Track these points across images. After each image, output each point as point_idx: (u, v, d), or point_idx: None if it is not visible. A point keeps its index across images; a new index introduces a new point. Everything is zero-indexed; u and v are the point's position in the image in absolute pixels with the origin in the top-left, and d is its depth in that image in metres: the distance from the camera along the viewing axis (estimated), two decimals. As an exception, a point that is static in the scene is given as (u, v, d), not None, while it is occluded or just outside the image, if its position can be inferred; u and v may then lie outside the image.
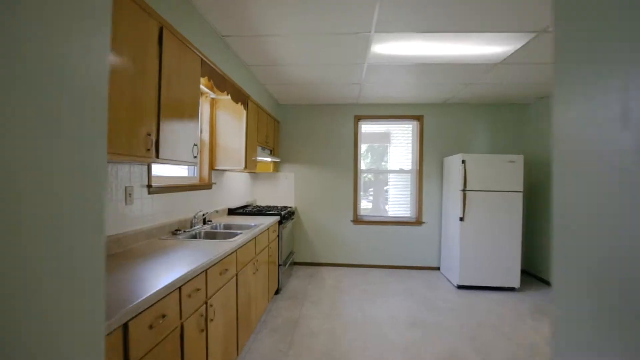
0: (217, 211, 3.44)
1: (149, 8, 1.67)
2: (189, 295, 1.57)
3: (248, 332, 2.57)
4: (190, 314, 1.59)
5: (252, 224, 3.10)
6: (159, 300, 1.29)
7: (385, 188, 5.20)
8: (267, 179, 4.99)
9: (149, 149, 1.69)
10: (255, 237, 2.72)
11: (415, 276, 4.53)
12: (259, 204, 4.97)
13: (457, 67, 3.34)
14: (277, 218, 3.63)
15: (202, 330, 1.72)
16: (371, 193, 5.18)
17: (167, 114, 1.87)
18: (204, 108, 3.28)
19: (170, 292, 1.39)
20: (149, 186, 2.27)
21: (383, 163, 5.32)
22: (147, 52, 1.67)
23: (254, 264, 2.72)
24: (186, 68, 2.09)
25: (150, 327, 1.24)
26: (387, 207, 5.14)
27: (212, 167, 3.35)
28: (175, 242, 2.17)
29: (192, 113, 2.18)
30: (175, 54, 1.95)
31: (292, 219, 4.42)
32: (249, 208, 4.15)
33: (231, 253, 2.14)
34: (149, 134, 1.70)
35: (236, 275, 2.27)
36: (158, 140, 1.79)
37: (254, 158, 3.67)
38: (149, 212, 2.27)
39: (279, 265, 3.73)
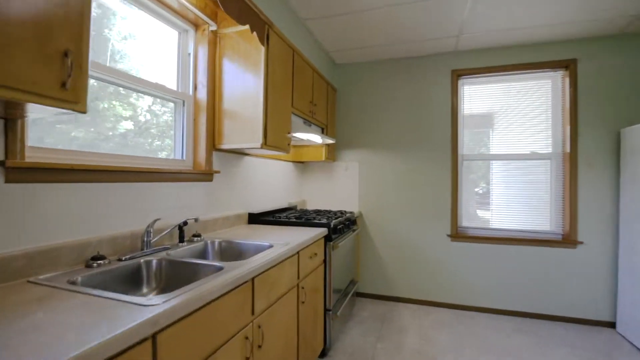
0: (226, 217, 2.13)
1: None
2: None
3: None
4: None
5: (267, 244, 1.68)
6: None
7: (480, 187, 3.24)
8: (320, 171, 3.55)
9: None
10: (262, 273, 1.30)
11: (569, 336, 2.56)
12: (309, 206, 3.56)
13: None
14: (322, 232, 2.15)
15: None
16: (480, 192, 3.28)
17: None
18: (199, 49, 2.00)
19: None
20: (10, 167, 1.03)
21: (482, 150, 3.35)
22: None
23: (258, 330, 1.29)
24: None
25: None
26: (489, 213, 3.17)
27: (213, 146, 2.06)
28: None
29: None
30: None
31: (353, 230, 2.89)
32: (285, 214, 2.76)
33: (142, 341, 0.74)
34: None
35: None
36: None
37: (287, 133, 2.27)
38: (6, 220, 1.02)
39: (326, 311, 2.23)
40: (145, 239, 1.43)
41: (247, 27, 1.88)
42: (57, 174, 1.18)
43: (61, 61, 0.85)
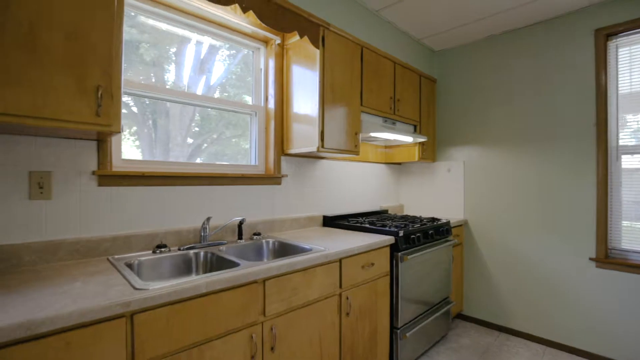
0: (296, 219, 2.24)
1: None
2: None
3: None
4: None
5: (308, 247, 1.67)
6: None
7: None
8: (419, 173, 3.22)
9: None
10: (279, 276, 1.32)
11: None
12: (407, 211, 3.28)
13: None
14: (387, 240, 1.95)
15: None
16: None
17: None
18: (269, 63, 2.19)
19: None
20: (100, 174, 1.43)
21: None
22: None
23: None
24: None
25: None
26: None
27: (281, 152, 2.20)
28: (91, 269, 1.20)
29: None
30: None
31: (447, 240, 2.48)
32: (362, 219, 2.65)
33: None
34: None
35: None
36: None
37: (355, 134, 2.19)
38: (96, 213, 1.43)
39: (393, 329, 2.01)
40: (202, 234, 1.69)
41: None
42: (134, 180, 1.54)
43: (95, 94, 1.12)
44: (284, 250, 1.83)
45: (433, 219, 2.57)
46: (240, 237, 1.85)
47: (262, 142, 2.20)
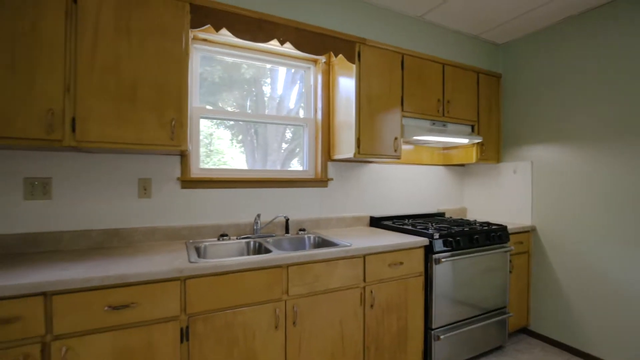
0: (341, 218, 2.48)
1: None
2: None
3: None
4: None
5: (337, 242, 1.90)
6: None
7: None
8: (483, 175, 3.04)
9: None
10: (302, 264, 1.61)
11: None
12: (470, 215, 3.13)
13: None
14: (418, 241, 2.02)
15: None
16: None
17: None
18: (318, 79, 2.48)
19: None
20: (182, 180, 1.97)
21: None
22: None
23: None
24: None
25: None
26: None
27: (328, 158, 2.47)
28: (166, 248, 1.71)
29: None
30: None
31: (501, 247, 2.34)
32: (407, 221, 2.70)
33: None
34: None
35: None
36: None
37: (396, 138, 2.31)
38: (179, 209, 1.97)
39: (428, 329, 2.05)
40: (255, 227, 2.09)
41: (338, 53, 2.16)
42: (206, 184, 2.04)
43: (170, 125, 1.61)
44: (321, 244, 2.10)
45: (488, 224, 2.45)
46: (287, 231, 2.20)
47: (312, 150, 2.51)
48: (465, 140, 2.60)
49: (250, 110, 2.34)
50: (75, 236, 1.71)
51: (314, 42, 2.02)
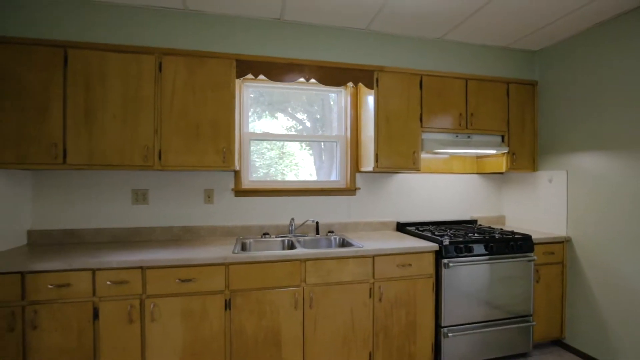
0: (368, 223, 2.81)
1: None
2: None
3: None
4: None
5: (352, 243, 2.26)
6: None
7: None
8: (520, 183, 3.02)
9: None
10: (316, 259, 2.03)
11: None
12: (509, 222, 3.12)
13: None
14: (428, 246, 2.24)
15: (143, 328, 1.81)
16: None
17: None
18: (348, 101, 2.86)
19: (78, 275, 1.73)
20: (235, 190, 2.56)
21: None
22: (146, 81, 2.09)
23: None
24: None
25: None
26: None
27: (356, 169, 2.83)
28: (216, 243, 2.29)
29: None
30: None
31: (525, 255, 2.38)
32: (431, 227, 2.88)
33: (216, 266, 1.90)
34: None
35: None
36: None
37: (414, 152, 2.55)
38: (233, 212, 2.56)
39: (438, 327, 2.26)
40: (290, 228, 2.57)
41: (359, 81, 2.51)
42: (253, 193, 2.60)
43: (222, 152, 2.18)
44: (342, 244, 2.48)
45: (512, 233, 2.52)
46: (317, 232, 2.63)
47: (343, 163, 2.89)
48: (490, 151, 2.68)
49: (301, 127, 2.85)
50: (162, 230, 2.43)
51: (335, 76, 2.41)
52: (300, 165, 2.87)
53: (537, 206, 2.84)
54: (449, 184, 3.05)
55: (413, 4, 2.14)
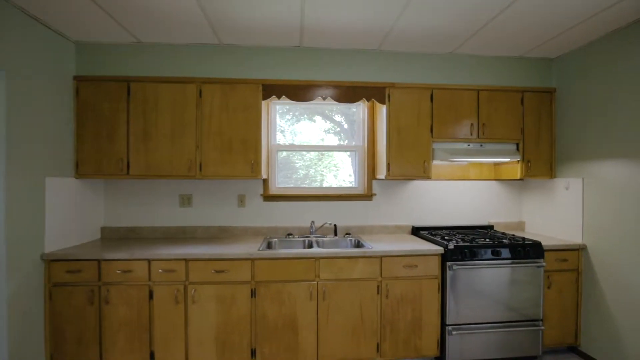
0: (384, 226, 3.04)
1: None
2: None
3: (302, 361, 2.32)
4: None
5: (363, 244, 2.51)
6: (124, 263, 2.19)
7: None
8: (539, 190, 3.04)
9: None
10: (327, 258, 2.32)
11: None
12: (529, 229, 3.15)
13: None
14: (433, 249, 2.43)
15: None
16: None
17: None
18: (366, 114, 3.10)
19: (138, 263, 2.20)
20: (264, 195, 2.93)
21: None
22: (189, 106, 2.53)
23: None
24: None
25: (116, 276, 2.18)
26: None
27: (372, 177, 3.07)
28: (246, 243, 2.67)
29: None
30: (224, 94, 2.56)
31: (534, 261, 2.46)
32: (442, 231, 3.01)
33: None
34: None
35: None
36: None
37: (424, 161, 2.73)
38: (262, 215, 2.94)
39: (444, 325, 2.43)
40: (311, 230, 2.89)
41: (373, 96, 2.75)
42: (279, 198, 2.96)
43: (251, 164, 2.56)
44: (356, 245, 2.74)
45: (523, 239, 2.59)
46: (335, 234, 2.91)
47: (361, 171, 3.14)
48: (503, 159, 2.77)
49: (338, 128, 3.16)
50: (203, 229, 2.87)
51: (349, 94, 2.68)
52: (338, 167, 3.18)
53: (555, 213, 2.86)
54: (465, 190, 3.17)
55: (419, 26, 2.34)
